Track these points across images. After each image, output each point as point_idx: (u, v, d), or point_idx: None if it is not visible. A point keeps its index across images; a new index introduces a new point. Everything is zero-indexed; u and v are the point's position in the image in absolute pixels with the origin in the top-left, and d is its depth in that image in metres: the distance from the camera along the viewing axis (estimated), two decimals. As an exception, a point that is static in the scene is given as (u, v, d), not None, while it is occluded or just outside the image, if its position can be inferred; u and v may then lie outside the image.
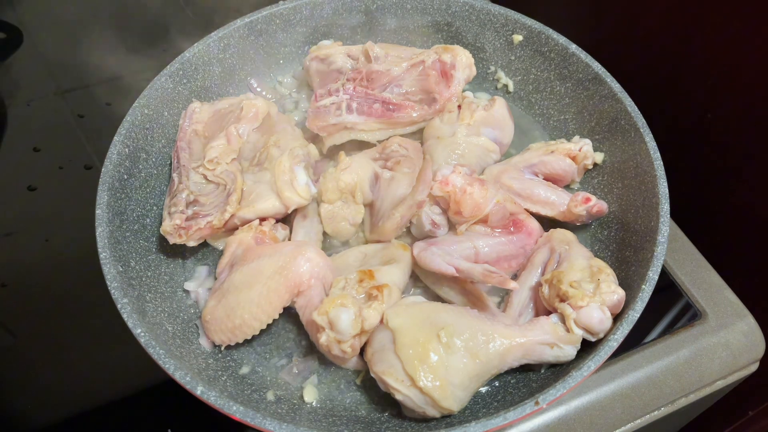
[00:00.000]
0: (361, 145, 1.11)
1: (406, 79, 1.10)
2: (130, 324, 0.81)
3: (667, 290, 1.06)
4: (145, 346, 0.80)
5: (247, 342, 0.92)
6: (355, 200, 1.02)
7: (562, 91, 1.17)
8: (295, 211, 1.03)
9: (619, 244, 0.99)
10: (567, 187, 1.08)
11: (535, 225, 1.01)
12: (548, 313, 0.90)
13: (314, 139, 1.12)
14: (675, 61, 1.19)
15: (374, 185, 1.04)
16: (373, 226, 1.02)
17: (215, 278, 0.98)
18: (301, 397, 0.89)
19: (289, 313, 0.94)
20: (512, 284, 0.88)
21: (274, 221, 1.02)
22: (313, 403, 0.89)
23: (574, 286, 0.86)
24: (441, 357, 0.80)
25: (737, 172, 1.14)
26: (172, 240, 0.95)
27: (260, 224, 0.99)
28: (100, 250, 0.88)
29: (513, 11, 1.18)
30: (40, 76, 1.48)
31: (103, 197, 0.92)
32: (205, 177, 1.01)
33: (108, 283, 0.85)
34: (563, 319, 0.86)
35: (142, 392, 1.00)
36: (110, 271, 0.86)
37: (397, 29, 1.28)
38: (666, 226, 0.89)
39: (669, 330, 1.01)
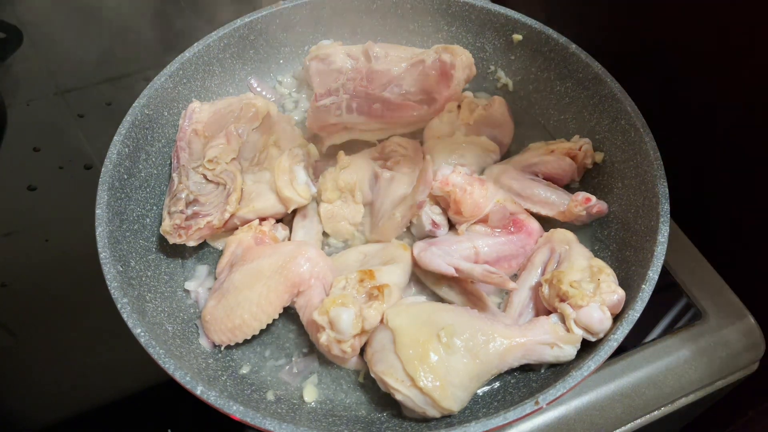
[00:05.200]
0: (361, 145, 1.11)
1: (406, 79, 1.10)
2: (130, 324, 0.81)
3: (668, 290, 1.06)
4: (145, 346, 0.80)
5: (247, 342, 0.92)
6: (354, 200, 1.02)
7: (562, 91, 1.17)
8: (295, 211, 1.03)
9: (619, 244, 0.99)
10: (567, 187, 1.08)
11: (535, 225, 1.01)
12: (548, 313, 0.90)
13: (314, 139, 1.12)
14: (675, 61, 1.19)
15: (374, 185, 1.04)
16: (373, 226, 1.02)
17: (215, 278, 0.98)
18: (301, 396, 0.89)
19: (289, 313, 0.94)
20: (512, 285, 0.88)
21: (274, 221, 1.02)
22: (313, 403, 0.89)
23: (574, 286, 0.86)
24: (441, 357, 0.80)
25: (738, 172, 1.14)
26: (171, 240, 0.96)
27: (260, 224, 0.99)
28: (100, 250, 0.88)
29: (513, 11, 1.18)
30: (40, 76, 1.48)
31: (103, 197, 0.92)
32: (205, 177, 1.01)
33: (108, 283, 0.85)
34: (563, 319, 0.86)
35: (142, 392, 1.00)
36: (110, 271, 0.86)
37: (397, 29, 1.28)
38: (666, 226, 0.89)
39: (669, 330, 1.01)
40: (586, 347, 0.86)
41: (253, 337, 0.90)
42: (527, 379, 0.89)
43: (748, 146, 1.10)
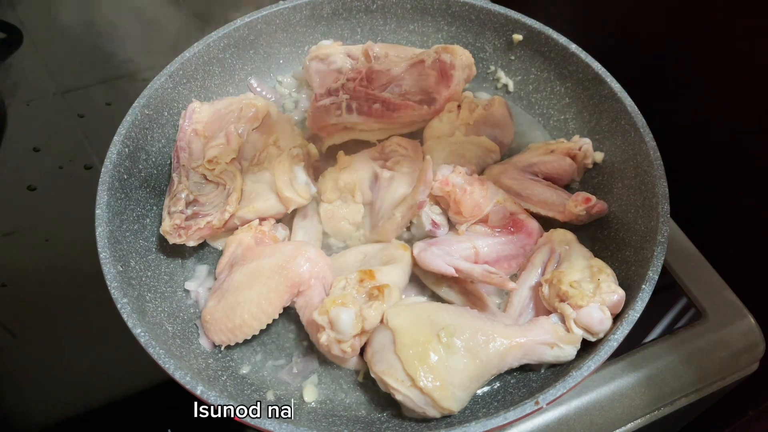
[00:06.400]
0: (361, 145, 1.11)
1: (405, 79, 1.10)
2: (130, 324, 0.81)
3: (668, 290, 1.06)
4: (145, 346, 0.80)
5: (247, 342, 0.92)
6: (354, 199, 1.02)
7: (562, 91, 1.17)
8: (295, 210, 1.03)
9: (619, 243, 0.99)
10: (567, 187, 1.08)
11: (535, 225, 1.01)
12: (548, 313, 0.90)
13: (314, 139, 1.12)
14: (675, 61, 1.19)
15: (374, 185, 1.04)
16: (373, 226, 1.02)
17: (215, 278, 0.97)
18: (301, 396, 0.89)
19: (289, 313, 0.94)
20: (511, 285, 0.88)
21: (274, 221, 1.02)
22: (313, 403, 0.89)
23: (574, 286, 0.86)
24: (441, 357, 0.80)
25: (737, 172, 1.14)
26: (171, 240, 0.96)
27: (260, 224, 0.99)
28: (100, 250, 0.88)
29: (513, 11, 1.18)
30: (40, 76, 1.48)
31: (103, 197, 0.92)
32: (205, 177, 1.01)
33: (108, 283, 0.85)
34: (563, 319, 0.86)
35: (142, 392, 1.00)
36: (110, 271, 0.86)
37: (397, 29, 1.28)
38: (666, 226, 0.89)
39: (669, 330, 1.01)
40: (586, 347, 0.86)
41: (253, 337, 0.90)
42: (527, 379, 0.89)
43: (748, 146, 1.10)
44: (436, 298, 0.96)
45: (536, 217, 1.02)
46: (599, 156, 1.09)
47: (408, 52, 1.18)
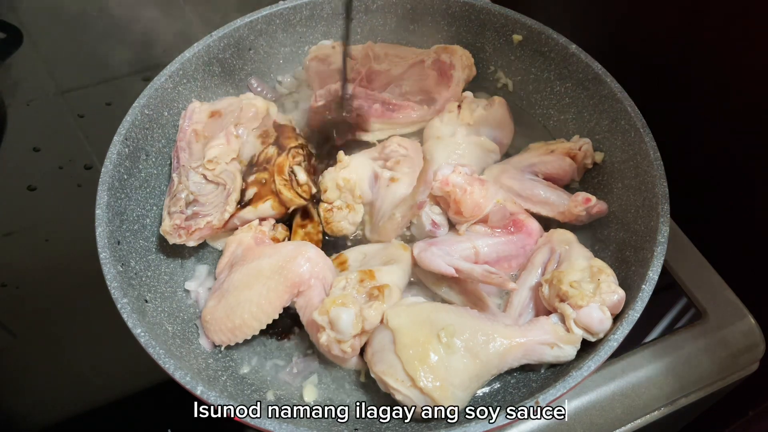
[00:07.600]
0: (361, 145, 1.11)
1: (405, 79, 1.11)
2: (130, 324, 0.81)
3: (668, 290, 1.06)
4: (145, 346, 0.80)
5: (247, 342, 0.92)
6: (354, 199, 1.02)
7: (562, 91, 1.17)
8: (295, 210, 1.03)
9: (619, 244, 0.99)
10: (567, 187, 1.08)
11: (535, 225, 1.01)
12: (548, 313, 0.90)
13: (314, 139, 1.12)
14: (675, 62, 1.19)
15: (374, 185, 1.04)
16: (373, 226, 1.02)
17: (215, 278, 0.97)
18: (301, 397, 0.89)
19: (289, 314, 0.94)
20: (511, 285, 0.88)
21: (274, 221, 1.02)
22: (313, 403, 0.89)
23: (574, 286, 0.86)
24: (441, 357, 0.80)
25: (737, 172, 1.14)
26: (171, 240, 0.96)
27: (260, 224, 0.99)
28: (100, 250, 0.88)
29: (513, 11, 1.18)
30: (40, 76, 1.48)
31: (103, 197, 0.92)
32: (205, 177, 1.01)
33: (108, 283, 0.85)
34: (563, 319, 0.86)
35: (142, 392, 1.00)
36: (110, 271, 0.86)
37: (397, 29, 1.28)
38: (666, 226, 0.89)
39: (669, 330, 1.01)
40: (586, 347, 0.86)
41: (253, 337, 0.90)
42: (527, 379, 0.89)
43: (748, 146, 1.10)
44: (436, 298, 0.96)
45: (536, 217, 1.02)
46: (599, 156, 1.09)
47: (408, 52, 1.18)
